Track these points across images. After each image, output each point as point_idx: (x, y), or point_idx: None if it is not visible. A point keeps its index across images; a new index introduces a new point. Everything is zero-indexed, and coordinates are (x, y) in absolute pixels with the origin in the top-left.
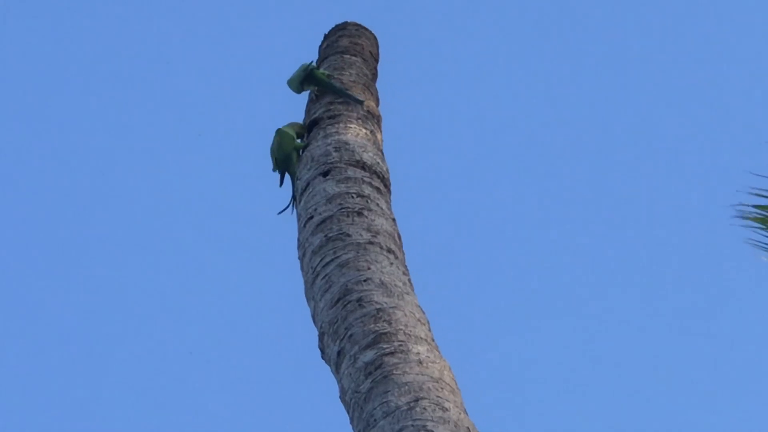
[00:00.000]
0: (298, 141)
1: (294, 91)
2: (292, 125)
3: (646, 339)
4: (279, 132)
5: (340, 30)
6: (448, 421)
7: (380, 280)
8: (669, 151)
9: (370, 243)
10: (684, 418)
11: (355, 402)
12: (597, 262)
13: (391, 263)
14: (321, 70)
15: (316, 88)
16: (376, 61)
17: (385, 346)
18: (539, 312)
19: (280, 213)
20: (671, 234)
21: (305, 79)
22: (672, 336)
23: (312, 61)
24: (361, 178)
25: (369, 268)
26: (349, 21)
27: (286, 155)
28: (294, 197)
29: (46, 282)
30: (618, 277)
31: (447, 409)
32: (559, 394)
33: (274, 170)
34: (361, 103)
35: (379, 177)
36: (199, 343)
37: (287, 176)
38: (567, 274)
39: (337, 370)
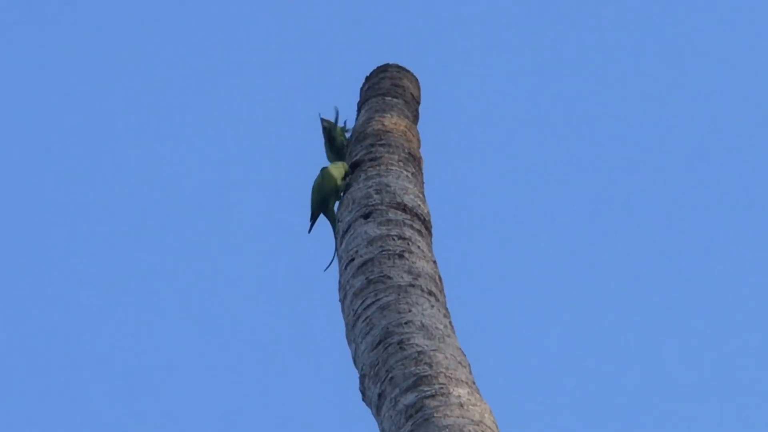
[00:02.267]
0: (341, 183)
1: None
2: (339, 165)
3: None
4: (323, 172)
5: (382, 72)
6: None
7: (421, 322)
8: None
9: (411, 285)
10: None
11: None
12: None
13: (432, 306)
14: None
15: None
16: (418, 103)
17: (425, 389)
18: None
19: (326, 269)
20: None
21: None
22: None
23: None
24: (402, 221)
25: (410, 311)
26: (390, 63)
27: (324, 198)
28: (336, 248)
29: (48, 282)
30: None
31: None
32: None
33: (311, 215)
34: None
35: (420, 219)
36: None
37: (322, 220)
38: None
39: (378, 412)
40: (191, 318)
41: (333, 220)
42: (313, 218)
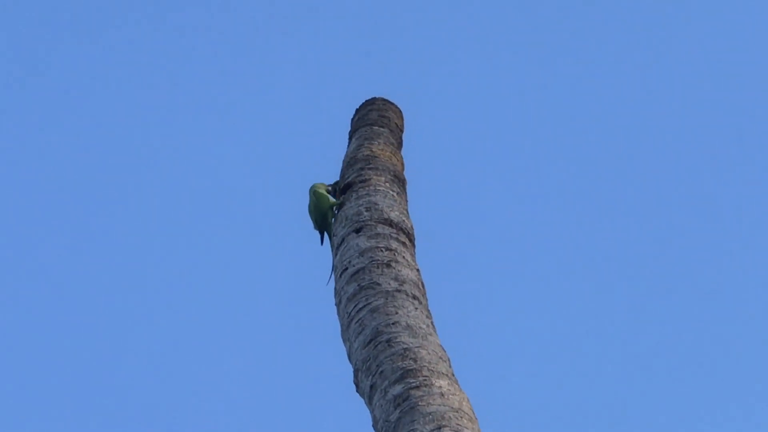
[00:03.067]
0: (332, 199)
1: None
2: (320, 185)
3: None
4: (315, 193)
5: (370, 105)
6: None
7: (406, 323)
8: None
9: (398, 291)
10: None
11: (385, 430)
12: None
13: (416, 308)
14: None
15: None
16: (401, 131)
17: (411, 381)
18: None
19: (327, 283)
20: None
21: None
22: None
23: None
24: (389, 234)
25: (396, 313)
26: (377, 97)
27: (323, 214)
28: (334, 265)
29: (53, 281)
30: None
31: None
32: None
33: (315, 228)
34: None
35: (404, 233)
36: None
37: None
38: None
39: (369, 402)
40: (202, 317)
41: (330, 234)
42: (321, 232)
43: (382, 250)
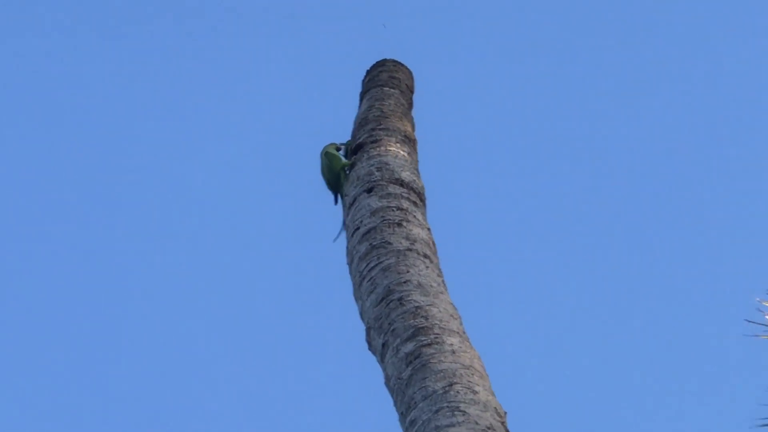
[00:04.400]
0: (344, 160)
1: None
2: (331, 145)
3: None
4: (327, 154)
5: (380, 66)
6: (478, 402)
7: (418, 281)
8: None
9: (409, 250)
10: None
11: (397, 387)
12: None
13: (427, 267)
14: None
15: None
16: (412, 92)
17: (423, 339)
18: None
19: (335, 240)
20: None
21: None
22: None
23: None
24: (400, 194)
25: (408, 272)
26: (387, 58)
27: (336, 175)
28: (343, 219)
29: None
30: None
31: (477, 392)
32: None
33: (329, 189)
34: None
35: (415, 192)
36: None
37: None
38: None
39: (382, 359)
40: (216, 276)
41: (341, 194)
42: (335, 193)
43: (393, 210)
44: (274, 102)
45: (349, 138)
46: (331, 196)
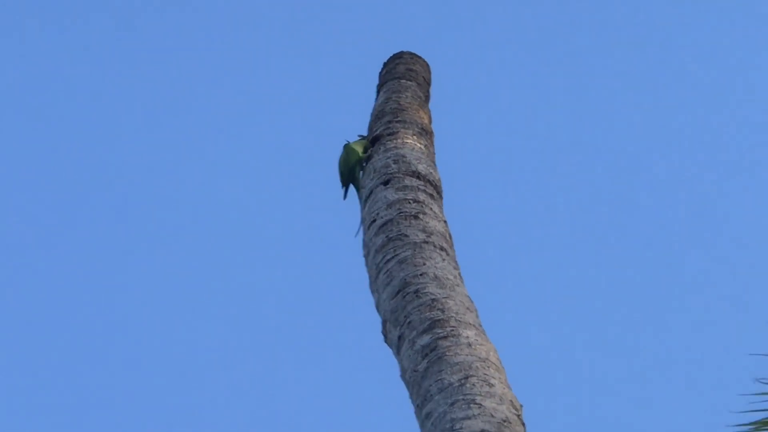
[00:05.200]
0: (362, 154)
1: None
2: (361, 141)
3: None
4: (346, 147)
5: (397, 59)
6: (494, 395)
7: (434, 274)
8: None
9: (425, 242)
10: None
11: (413, 379)
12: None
13: (443, 259)
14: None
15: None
16: (429, 84)
17: (439, 331)
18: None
19: (356, 234)
20: None
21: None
22: None
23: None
24: (417, 186)
25: (424, 264)
26: (404, 51)
27: (350, 169)
28: (362, 217)
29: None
30: None
31: (493, 385)
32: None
33: (341, 182)
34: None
35: (432, 185)
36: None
37: (352, 189)
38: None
39: (398, 352)
40: (233, 268)
41: (357, 187)
42: (345, 186)
43: (410, 202)
44: (291, 96)
45: (365, 132)
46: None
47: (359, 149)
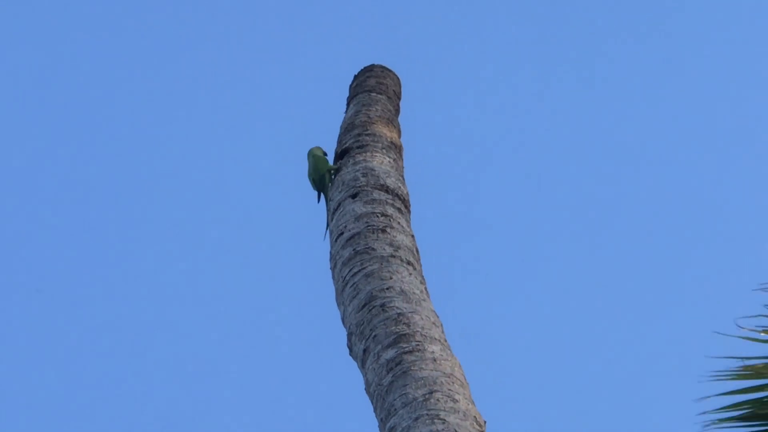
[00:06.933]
0: (330, 163)
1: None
2: (317, 148)
3: None
4: (313, 156)
5: (368, 71)
6: (458, 411)
7: (400, 288)
8: None
9: (392, 256)
10: None
11: (378, 393)
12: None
13: (410, 274)
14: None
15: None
16: (399, 98)
17: (404, 346)
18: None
19: (324, 238)
20: None
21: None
22: None
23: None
24: (385, 200)
25: (391, 278)
26: (375, 64)
27: (321, 175)
28: (328, 223)
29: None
30: None
31: (457, 401)
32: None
33: (314, 189)
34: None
35: (400, 199)
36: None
37: (323, 196)
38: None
39: (362, 365)
40: (201, 280)
41: (326, 197)
42: (319, 191)
43: (377, 216)
44: (261, 105)
45: (335, 144)
46: (315, 195)
47: (322, 154)
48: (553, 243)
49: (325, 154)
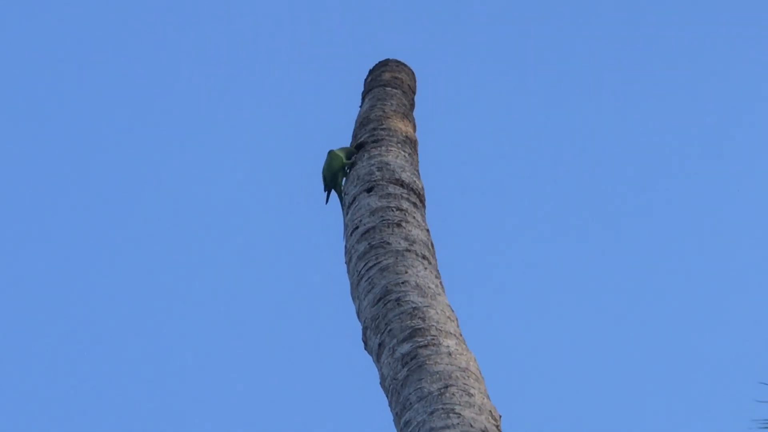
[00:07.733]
0: (346, 161)
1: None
2: (344, 149)
3: None
4: (330, 153)
5: (383, 66)
6: (473, 405)
7: (416, 282)
8: None
9: (408, 250)
10: None
11: (393, 388)
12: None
13: (425, 268)
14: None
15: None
16: (414, 93)
17: (419, 340)
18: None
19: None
20: None
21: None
22: None
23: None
24: (400, 194)
25: (406, 272)
26: (390, 58)
27: (333, 174)
28: (345, 223)
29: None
30: None
31: (472, 395)
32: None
33: (324, 190)
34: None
35: (415, 193)
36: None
37: (334, 193)
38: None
39: (378, 359)
40: (213, 272)
41: (340, 194)
42: (328, 191)
43: (393, 210)
44: (275, 101)
45: (350, 137)
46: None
47: (342, 155)
48: (571, 238)
49: (349, 158)
